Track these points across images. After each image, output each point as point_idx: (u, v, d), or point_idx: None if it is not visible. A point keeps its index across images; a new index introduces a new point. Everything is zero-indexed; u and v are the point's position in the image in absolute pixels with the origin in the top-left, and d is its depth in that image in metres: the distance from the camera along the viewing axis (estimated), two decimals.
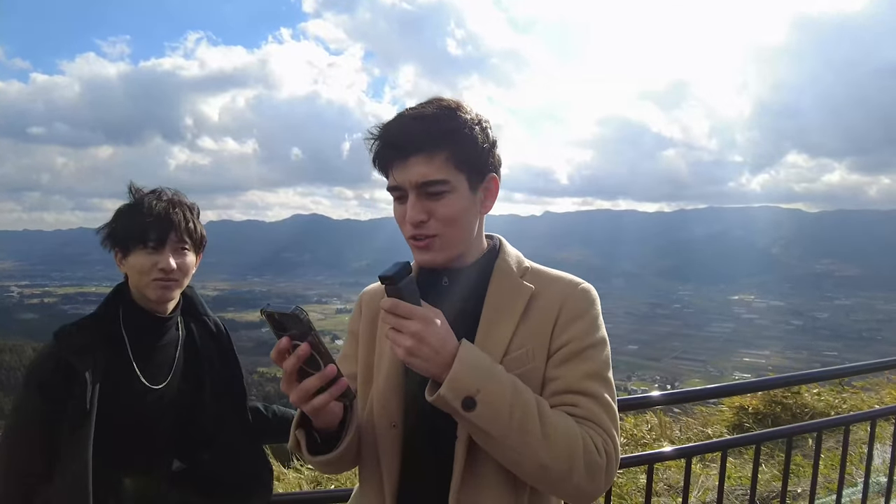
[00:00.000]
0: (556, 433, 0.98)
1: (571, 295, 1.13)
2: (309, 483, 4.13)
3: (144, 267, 1.40)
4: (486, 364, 0.99)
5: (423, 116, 1.05)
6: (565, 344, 1.09)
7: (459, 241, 1.12)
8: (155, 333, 1.46)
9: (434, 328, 0.95)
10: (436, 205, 1.06)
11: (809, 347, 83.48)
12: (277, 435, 1.77)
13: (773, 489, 3.47)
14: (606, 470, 1.01)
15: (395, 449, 1.13)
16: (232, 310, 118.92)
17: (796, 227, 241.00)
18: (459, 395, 0.94)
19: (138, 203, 1.44)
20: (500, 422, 0.96)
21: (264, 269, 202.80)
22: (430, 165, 1.04)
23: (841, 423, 2.44)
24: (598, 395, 1.06)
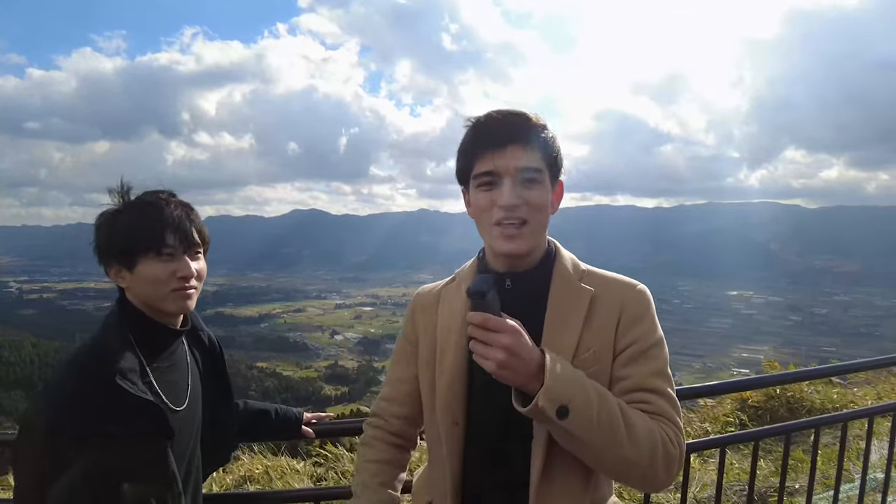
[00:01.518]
0: (639, 430, 1.05)
1: (630, 296, 1.19)
2: (310, 479, 4.15)
3: (161, 276, 1.26)
4: (573, 374, 1.04)
5: (521, 113, 1.15)
6: (630, 344, 1.15)
7: (541, 232, 1.19)
8: (169, 351, 1.35)
9: (523, 340, 1.00)
10: (529, 192, 1.13)
11: (808, 343, 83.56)
12: (278, 434, 1.78)
13: (772, 484, 3.49)
14: (679, 461, 1.10)
15: (458, 446, 1.23)
16: (231, 305, 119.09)
17: (795, 223, 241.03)
18: (555, 405, 0.98)
19: (148, 207, 1.29)
20: (590, 426, 1.01)
21: (263, 264, 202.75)
22: (527, 155, 1.12)
23: (839, 420, 2.44)
24: (664, 391, 1.13)
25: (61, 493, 1.10)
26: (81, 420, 1.12)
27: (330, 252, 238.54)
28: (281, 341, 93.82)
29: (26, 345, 48.59)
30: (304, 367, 78.85)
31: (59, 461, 1.11)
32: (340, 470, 4.19)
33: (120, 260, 1.27)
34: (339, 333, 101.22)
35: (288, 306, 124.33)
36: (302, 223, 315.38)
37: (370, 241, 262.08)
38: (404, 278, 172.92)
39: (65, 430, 1.11)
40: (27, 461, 1.16)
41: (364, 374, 75.99)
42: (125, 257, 1.26)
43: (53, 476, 1.10)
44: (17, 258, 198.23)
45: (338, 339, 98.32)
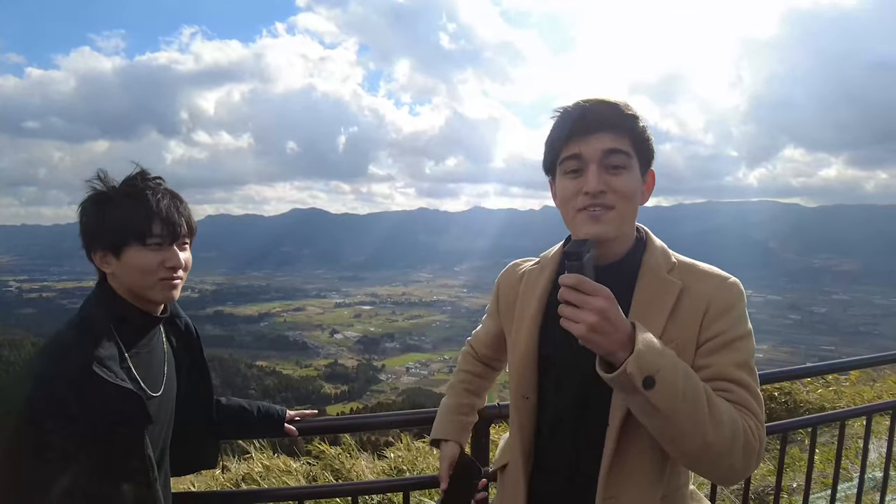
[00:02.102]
0: (722, 414, 1.03)
1: (719, 289, 1.17)
2: (305, 478, 4.13)
3: (149, 266, 1.25)
4: (662, 347, 1.02)
5: (611, 102, 1.15)
6: (715, 335, 1.13)
7: (628, 219, 1.18)
8: (147, 337, 1.33)
9: (616, 306, 0.98)
10: (615, 179, 1.13)
11: (807, 342, 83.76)
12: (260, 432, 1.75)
13: (769, 483, 3.47)
14: (758, 454, 1.07)
15: (528, 420, 1.27)
16: (231, 304, 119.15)
17: (794, 222, 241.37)
18: (643, 373, 0.96)
19: (138, 194, 1.27)
20: (675, 400, 0.99)
21: (263, 262, 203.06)
22: (617, 140, 1.13)
23: (836, 419, 2.43)
24: (748, 384, 1.11)
25: (38, 476, 1.09)
26: (59, 406, 1.10)
27: (329, 251, 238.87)
28: (280, 340, 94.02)
29: (26, 344, 48.53)
30: (303, 366, 79.00)
31: (37, 446, 1.10)
32: (334, 467, 4.18)
33: (107, 246, 1.25)
34: (338, 332, 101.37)
35: (287, 305, 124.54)
36: (301, 222, 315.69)
37: (369, 239, 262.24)
38: (403, 277, 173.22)
39: (43, 415, 1.10)
40: (3, 444, 1.13)
41: (364, 373, 76.16)
42: (113, 244, 1.24)
43: (31, 460, 1.09)
44: (17, 257, 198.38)
45: (337, 337, 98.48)
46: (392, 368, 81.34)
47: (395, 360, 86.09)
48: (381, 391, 67.03)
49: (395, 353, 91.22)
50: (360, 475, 4.06)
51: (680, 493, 1.25)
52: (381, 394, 63.78)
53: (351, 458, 4.34)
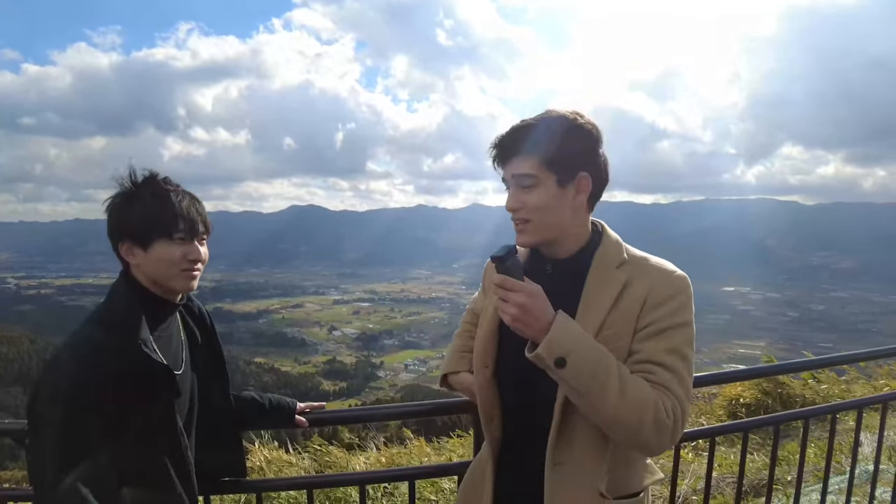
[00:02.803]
0: (631, 392, 1.18)
1: (660, 281, 1.30)
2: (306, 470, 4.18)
3: (174, 258, 1.39)
4: (578, 332, 1.20)
5: (524, 126, 1.32)
6: (650, 324, 1.27)
7: (549, 227, 1.34)
8: (166, 322, 1.47)
9: (535, 300, 1.18)
10: (527, 196, 1.31)
11: (805, 339, 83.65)
12: (272, 422, 1.86)
13: (764, 477, 3.52)
14: (672, 430, 1.20)
15: (488, 386, 1.45)
16: (229, 300, 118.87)
17: (793, 220, 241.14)
18: (553, 355, 1.16)
19: (166, 195, 1.41)
20: (584, 379, 1.17)
21: (262, 260, 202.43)
22: (522, 164, 1.30)
23: (828, 412, 2.47)
24: (673, 367, 1.24)
25: (85, 451, 1.21)
26: (107, 381, 1.24)
27: (328, 248, 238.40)
28: (279, 337, 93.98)
29: (24, 341, 48.52)
30: (302, 363, 78.98)
31: (81, 420, 1.22)
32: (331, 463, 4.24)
33: (134, 239, 1.38)
34: (337, 329, 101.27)
35: (286, 302, 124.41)
36: (300, 219, 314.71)
37: (368, 236, 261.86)
38: (402, 274, 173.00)
39: (89, 390, 1.23)
40: (50, 424, 1.23)
41: (362, 370, 76.13)
42: (141, 237, 1.38)
43: (79, 435, 1.22)
44: (15, 254, 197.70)
45: (336, 334, 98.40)
46: (390, 365, 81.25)
47: (393, 357, 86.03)
48: (379, 388, 66.95)
49: (393, 350, 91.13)
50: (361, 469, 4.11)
51: (631, 465, 1.38)
52: (380, 390, 63.68)
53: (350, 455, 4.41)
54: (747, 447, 2.25)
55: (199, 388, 1.57)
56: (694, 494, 3.47)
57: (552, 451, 1.33)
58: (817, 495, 2.56)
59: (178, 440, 1.37)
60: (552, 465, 1.33)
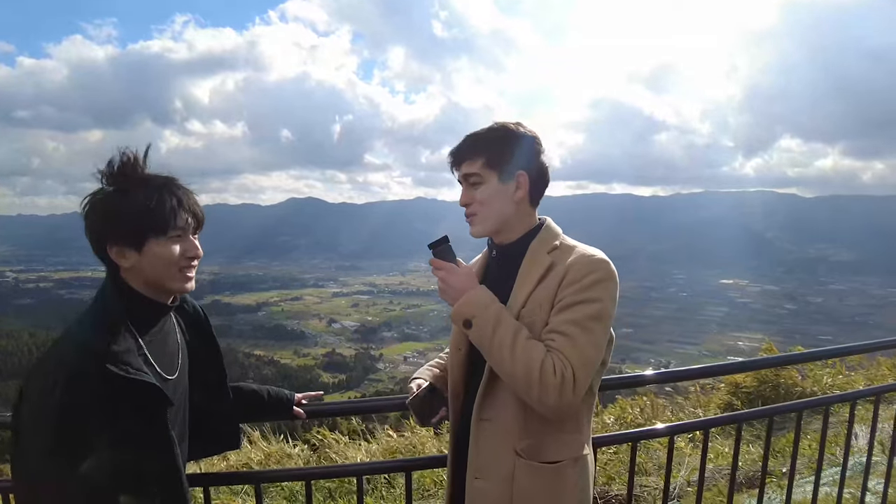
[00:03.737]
0: (523, 353, 1.39)
1: (578, 262, 1.49)
2: (305, 464, 4.21)
3: (172, 257, 1.32)
4: (486, 301, 1.46)
5: (473, 135, 1.59)
6: (561, 299, 1.46)
7: (492, 218, 1.58)
8: (159, 325, 1.40)
9: (454, 276, 1.49)
10: (475, 192, 1.57)
11: (803, 332, 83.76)
12: (271, 414, 1.87)
13: (759, 468, 3.55)
14: (560, 389, 1.36)
15: (460, 365, 1.67)
16: (228, 293, 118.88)
17: (791, 212, 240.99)
18: (460, 318, 1.46)
19: (159, 188, 1.32)
20: (484, 339, 1.43)
21: (260, 252, 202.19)
22: (470, 165, 1.56)
23: (821, 404, 2.50)
24: (571, 335, 1.41)
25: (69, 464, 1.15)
26: (91, 405, 1.16)
27: (327, 240, 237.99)
28: (278, 329, 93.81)
29: (23, 335, 48.56)
30: (301, 355, 78.92)
31: (64, 440, 1.15)
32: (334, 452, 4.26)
33: (126, 240, 1.28)
34: (336, 321, 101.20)
35: (285, 294, 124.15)
36: (298, 212, 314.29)
37: (367, 229, 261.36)
38: (401, 266, 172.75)
39: (68, 412, 1.15)
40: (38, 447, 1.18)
41: (361, 362, 76.20)
42: (134, 237, 1.28)
43: (61, 453, 1.15)
44: (13, 248, 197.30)
45: (335, 327, 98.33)
46: (390, 357, 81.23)
47: (392, 349, 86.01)
48: (378, 380, 67.06)
49: (392, 342, 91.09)
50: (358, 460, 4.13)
51: (551, 434, 1.52)
52: (379, 382, 63.83)
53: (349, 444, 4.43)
54: (741, 438, 2.28)
55: (197, 388, 1.53)
56: (688, 486, 3.50)
57: (479, 408, 1.54)
58: (811, 487, 2.58)
59: (169, 450, 1.31)
60: (478, 421, 1.54)
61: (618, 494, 3.46)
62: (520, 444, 1.50)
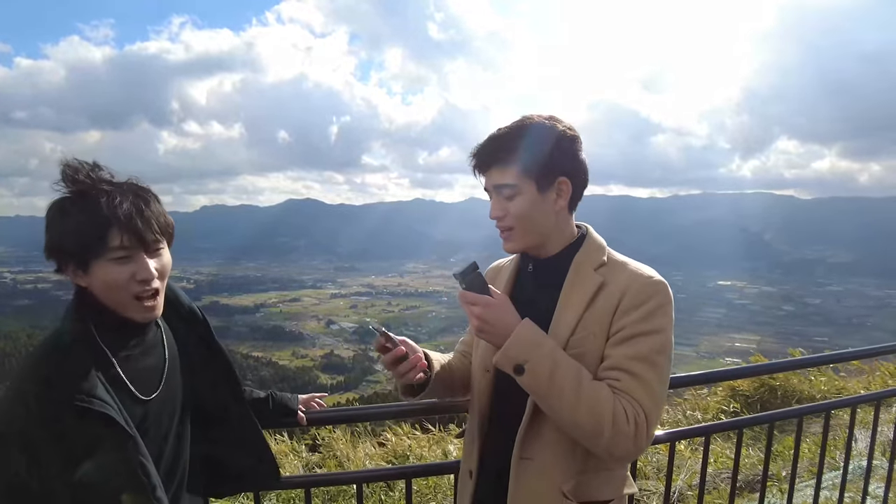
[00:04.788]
0: (588, 399, 1.21)
1: (634, 286, 1.31)
2: (305, 466, 4.20)
3: (119, 281, 1.13)
4: (537, 339, 1.26)
5: (501, 135, 1.35)
6: (621, 329, 1.29)
7: (532, 233, 1.37)
8: (138, 339, 1.23)
9: (493, 311, 1.27)
10: (510, 204, 1.34)
11: (800, 333, 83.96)
12: (275, 421, 1.78)
13: (759, 472, 3.55)
14: (635, 437, 1.21)
15: (488, 389, 1.48)
16: (227, 294, 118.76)
17: (789, 214, 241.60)
18: (510, 363, 1.25)
19: (91, 201, 1.11)
20: (542, 385, 1.23)
21: (259, 253, 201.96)
22: (502, 174, 1.33)
23: (822, 409, 2.50)
24: (639, 374, 1.25)
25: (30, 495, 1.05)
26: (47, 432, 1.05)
27: (325, 241, 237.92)
28: (277, 330, 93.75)
29: (21, 336, 48.42)
30: (299, 357, 78.90)
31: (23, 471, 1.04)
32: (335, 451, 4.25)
33: (70, 259, 1.13)
34: (334, 323, 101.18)
35: (283, 296, 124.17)
36: (297, 213, 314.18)
37: (365, 230, 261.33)
38: (399, 268, 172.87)
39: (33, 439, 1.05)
40: None
41: (360, 363, 76.06)
42: (77, 258, 1.12)
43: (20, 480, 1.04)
44: (12, 248, 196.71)
45: (333, 328, 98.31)
46: None
47: None
48: (376, 381, 66.89)
49: None
50: (359, 464, 4.13)
51: (604, 473, 1.38)
52: (377, 384, 63.72)
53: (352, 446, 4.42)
54: (742, 442, 2.27)
55: (208, 393, 1.42)
56: (689, 490, 3.50)
57: (520, 446, 1.36)
58: (811, 491, 2.58)
59: (135, 477, 1.12)
60: (518, 459, 1.36)
61: None
62: (566, 484, 1.34)
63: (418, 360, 1.45)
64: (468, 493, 1.52)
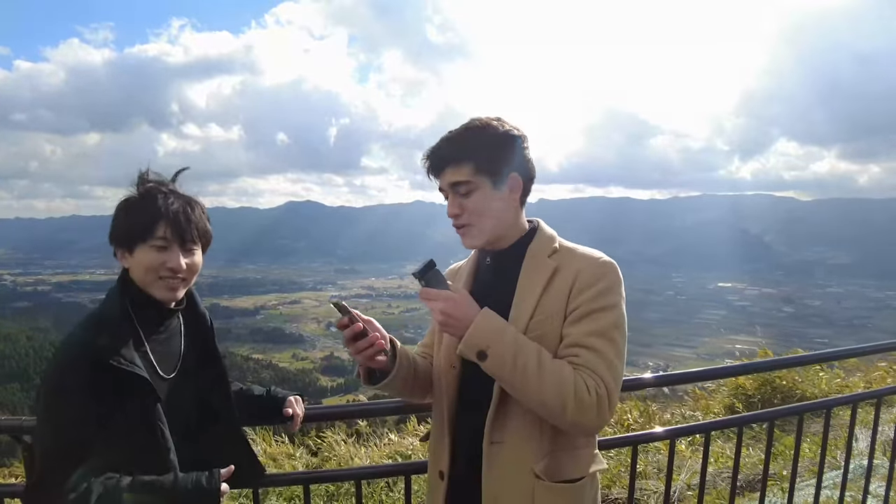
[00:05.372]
0: (551, 377, 1.29)
1: (587, 266, 1.41)
2: (305, 465, 4.19)
3: (153, 265, 1.37)
4: (497, 326, 1.34)
5: (452, 137, 1.44)
6: (577, 307, 1.37)
7: (489, 228, 1.46)
8: (164, 325, 1.46)
9: (454, 304, 1.34)
10: (466, 201, 1.43)
11: (801, 335, 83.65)
12: (267, 418, 1.80)
13: (760, 472, 3.54)
14: (598, 408, 1.29)
15: (454, 384, 1.53)
16: (227, 296, 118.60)
17: (789, 215, 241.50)
18: (473, 350, 1.32)
19: (149, 199, 1.40)
20: (505, 368, 1.31)
21: (259, 255, 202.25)
22: (457, 172, 1.42)
23: (822, 407, 2.49)
24: (597, 348, 1.33)
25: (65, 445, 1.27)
26: (78, 388, 1.26)
27: (325, 243, 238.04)
28: (276, 332, 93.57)
29: (21, 338, 48.37)
30: (299, 359, 78.70)
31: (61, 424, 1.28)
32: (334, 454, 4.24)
33: (124, 244, 1.40)
34: (334, 325, 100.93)
35: (283, 298, 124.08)
36: (296, 215, 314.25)
37: (365, 232, 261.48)
38: (399, 270, 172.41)
39: (71, 398, 1.27)
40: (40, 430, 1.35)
41: None
42: (126, 242, 1.39)
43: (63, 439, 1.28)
44: (11, 251, 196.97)
45: (333, 330, 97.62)
46: None
47: None
48: None
49: None
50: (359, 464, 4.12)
51: (574, 451, 1.45)
52: None
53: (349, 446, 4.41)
54: (742, 440, 2.27)
55: (200, 392, 1.54)
56: (689, 489, 3.49)
57: (489, 431, 1.43)
58: (812, 490, 2.57)
59: (157, 441, 1.35)
60: (489, 444, 1.43)
61: (617, 498, 3.44)
62: (537, 465, 1.41)
63: (376, 339, 1.45)
64: (441, 494, 1.54)
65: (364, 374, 1.57)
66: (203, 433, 1.53)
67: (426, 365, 1.69)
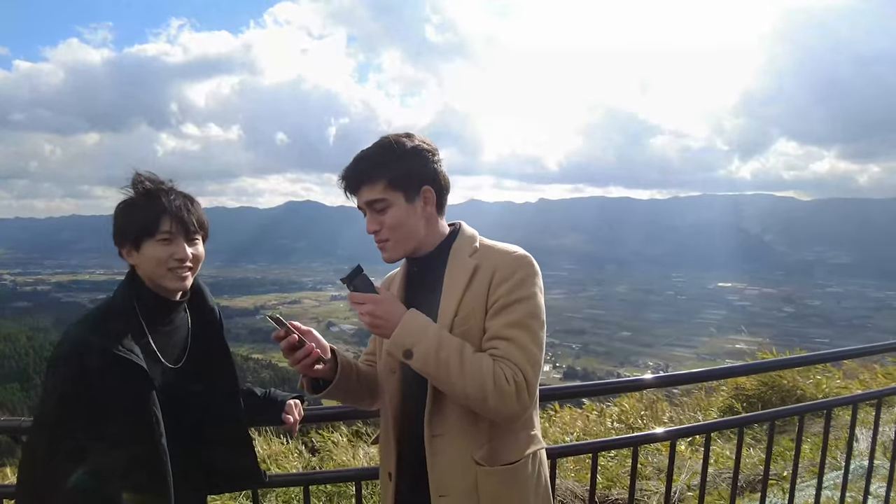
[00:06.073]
0: (471, 369, 1.36)
1: (503, 261, 1.48)
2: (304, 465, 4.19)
3: (161, 258, 1.45)
4: (422, 325, 1.40)
5: (364, 156, 1.50)
6: (496, 301, 1.45)
7: (407, 240, 1.53)
8: (168, 317, 1.53)
9: (381, 307, 1.40)
10: (383, 217, 1.50)
11: (801, 335, 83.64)
12: (264, 419, 1.83)
13: (760, 472, 3.54)
14: (517, 395, 1.37)
15: (396, 389, 1.58)
16: (227, 296, 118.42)
17: (789, 215, 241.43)
18: (399, 349, 1.38)
19: (152, 197, 1.48)
20: (430, 365, 1.37)
21: (259, 255, 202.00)
22: (372, 190, 1.48)
23: (823, 407, 2.49)
24: (514, 338, 1.41)
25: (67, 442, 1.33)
26: (79, 377, 1.34)
27: (325, 243, 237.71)
28: None
29: (21, 337, 48.38)
30: None
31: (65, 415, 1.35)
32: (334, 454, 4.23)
33: (130, 242, 1.47)
34: (334, 325, 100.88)
35: (283, 297, 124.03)
36: (297, 214, 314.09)
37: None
38: None
39: (71, 386, 1.35)
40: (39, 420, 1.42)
41: None
42: (134, 239, 1.46)
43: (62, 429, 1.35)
44: (11, 251, 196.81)
45: (333, 330, 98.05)
46: None
47: None
48: None
49: None
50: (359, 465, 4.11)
51: (511, 436, 1.51)
52: None
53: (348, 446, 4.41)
54: (742, 441, 2.26)
55: (206, 386, 1.59)
56: (689, 490, 3.49)
57: (429, 425, 1.49)
58: (813, 490, 2.57)
59: (151, 432, 1.40)
60: (430, 437, 1.49)
61: (618, 499, 3.44)
62: (477, 452, 1.47)
63: (312, 349, 1.50)
64: (390, 494, 1.60)
65: (307, 384, 1.62)
66: (207, 429, 1.58)
67: (370, 372, 1.73)
